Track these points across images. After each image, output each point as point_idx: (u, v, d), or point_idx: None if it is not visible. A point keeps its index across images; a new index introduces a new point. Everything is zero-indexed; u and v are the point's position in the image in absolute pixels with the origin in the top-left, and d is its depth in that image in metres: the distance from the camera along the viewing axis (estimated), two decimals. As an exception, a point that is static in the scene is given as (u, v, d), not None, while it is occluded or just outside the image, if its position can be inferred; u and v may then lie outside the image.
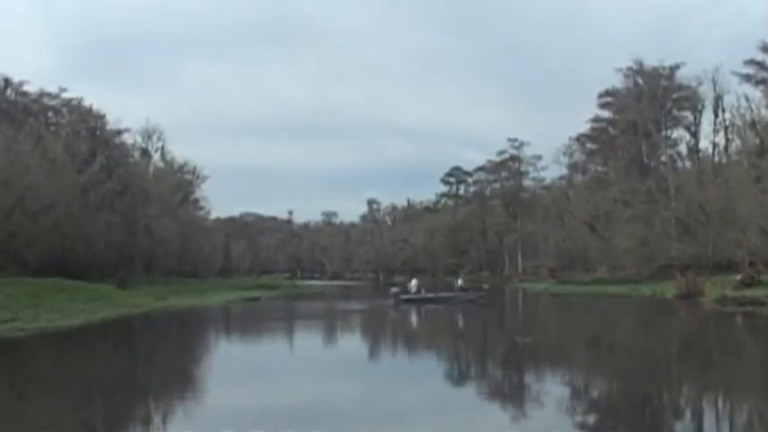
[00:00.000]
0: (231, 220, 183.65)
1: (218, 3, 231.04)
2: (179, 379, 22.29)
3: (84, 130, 75.66)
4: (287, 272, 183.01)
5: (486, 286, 70.43)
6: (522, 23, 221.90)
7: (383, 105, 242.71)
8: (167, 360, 27.67)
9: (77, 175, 67.39)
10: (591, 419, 16.44)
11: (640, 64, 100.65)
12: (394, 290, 58.34)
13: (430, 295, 58.32)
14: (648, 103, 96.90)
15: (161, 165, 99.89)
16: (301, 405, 17.23)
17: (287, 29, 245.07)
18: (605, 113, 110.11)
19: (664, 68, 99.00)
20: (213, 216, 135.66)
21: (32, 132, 71.39)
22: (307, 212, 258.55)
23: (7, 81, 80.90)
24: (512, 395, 19.56)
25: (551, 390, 19.26)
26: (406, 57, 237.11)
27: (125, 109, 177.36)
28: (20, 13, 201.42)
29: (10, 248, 56.09)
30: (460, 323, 45.39)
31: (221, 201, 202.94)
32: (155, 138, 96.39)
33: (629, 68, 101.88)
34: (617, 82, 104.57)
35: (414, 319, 47.55)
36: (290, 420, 14.76)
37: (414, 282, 60.39)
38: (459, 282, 63.72)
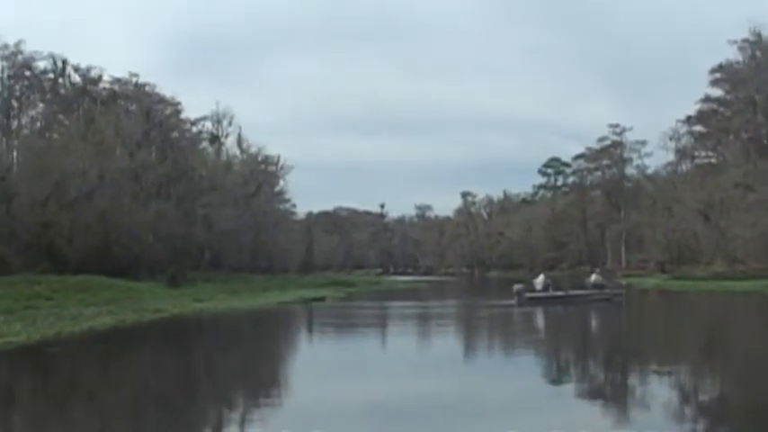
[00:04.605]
0: (324, 214, 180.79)
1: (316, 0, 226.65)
2: None
3: (140, 112, 69.23)
4: (379, 267, 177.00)
5: (624, 282, 62.14)
6: (622, 14, 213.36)
7: (480, 100, 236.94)
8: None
9: (128, 159, 60.98)
10: None
11: (758, 35, 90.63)
12: (517, 287, 50.53)
13: (559, 293, 50.79)
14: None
15: (236, 152, 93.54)
16: None
17: (385, 26, 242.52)
18: (717, 92, 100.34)
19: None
20: (305, 210, 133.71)
21: (86, 116, 66.02)
22: (401, 206, 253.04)
23: (65, 63, 75.90)
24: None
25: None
26: (504, 51, 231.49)
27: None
28: (117, 12, 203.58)
29: (43, 241, 49.88)
30: (595, 332, 36.45)
31: (316, 195, 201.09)
32: (225, 123, 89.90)
33: (745, 40, 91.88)
34: (730, 56, 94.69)
35: (542, 324, 39.38)
36: None
37: (540, 278, 52.63)
38: (593, 278, 54.35)
